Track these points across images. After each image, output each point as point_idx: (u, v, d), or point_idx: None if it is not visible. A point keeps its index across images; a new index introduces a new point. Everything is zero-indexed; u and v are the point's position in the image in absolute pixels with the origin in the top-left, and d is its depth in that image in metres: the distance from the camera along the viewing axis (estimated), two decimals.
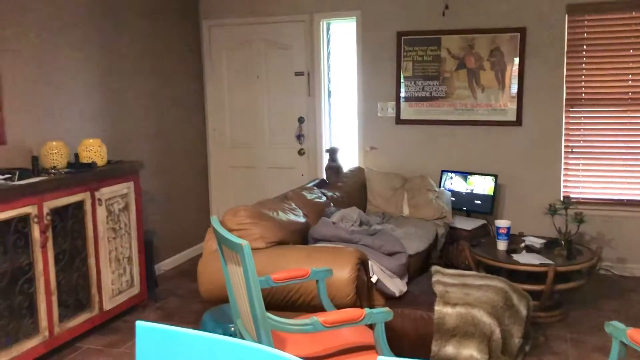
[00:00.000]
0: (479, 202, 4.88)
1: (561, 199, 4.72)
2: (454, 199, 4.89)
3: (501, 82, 4.91)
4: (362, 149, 5.37)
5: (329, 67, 5.47)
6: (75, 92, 4.19)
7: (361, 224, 3.85)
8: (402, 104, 5.20)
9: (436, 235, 4.32)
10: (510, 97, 4.89)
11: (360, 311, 2.17)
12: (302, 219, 3.62)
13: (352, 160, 5.42)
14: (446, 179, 5.04)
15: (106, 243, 3.85)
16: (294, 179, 5.48)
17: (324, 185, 4.67)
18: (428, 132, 5.16)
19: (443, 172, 5.07)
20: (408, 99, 5.18)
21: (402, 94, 5.18)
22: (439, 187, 5.01)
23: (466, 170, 5.01)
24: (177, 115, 5.36)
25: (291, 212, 3.59)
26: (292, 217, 3.53)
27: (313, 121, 5.46)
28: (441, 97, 5.08)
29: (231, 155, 5.79)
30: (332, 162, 5.09)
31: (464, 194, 4.95)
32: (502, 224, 4.05)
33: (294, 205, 3.72)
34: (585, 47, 4.72)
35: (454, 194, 4.92)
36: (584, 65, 4.74)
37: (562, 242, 3.99)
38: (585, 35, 4.71)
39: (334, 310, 2.63)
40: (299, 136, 5.51)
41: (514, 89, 4.87)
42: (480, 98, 4.97)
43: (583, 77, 4.76)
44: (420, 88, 5.14)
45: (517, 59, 4.83)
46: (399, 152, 5.25)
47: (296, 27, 5.41)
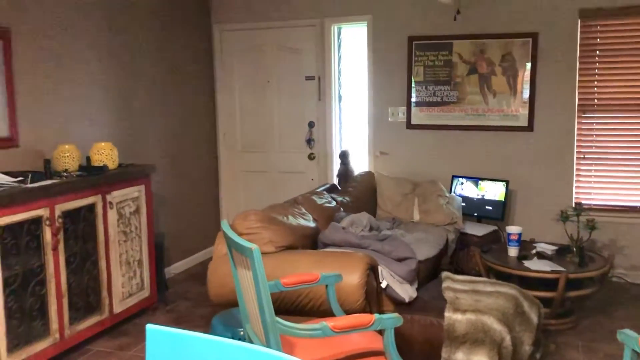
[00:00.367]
0: (490, 208, 4.85)
1: (573, 205, 4.68)
2: (464, 204, 4.86)
3: (513, 88, 4.88)
4: (373, 153, 5.36)
5: (339, 71, 5.47)
6: (88, 96, 4.22)
7: (371, 229, 3.84)
8: (413, 108, 5.19)
9: (446, 241, 4.31)
10: (522, 102, 4.87)
11: (369, 317, 2.16)
12: (312, 224, 3.62)
13: (362, 164, 5.41)
14: (457, 184, 5.02)
15: (117, 246, 3.86)
16: (304, 184, 5.49)
17: (334, 190, 4.67)
18: (439, 137, 5.15)
19: (454, 177, 5.05)
20: (419, 103, 5.17)
21: (413, 98, 5.17)
22: (450, 192, 4.99)
23: (477, 176, 4.98)
24: (189, 119, 5.39)
25: (301, 217, 3.59)
26: (302, 222, 3.53)
27: (323, 126, 5.46)
28: (452, 102, 5.07)
29: (242, 160, 5.80)
30: (344, 165, 5.09)
31: (475, 199, 4.92)
32: (513, 230, 4.03)
33: (303, 210, 3.72)
34: (598, 53, 4.69)
35: (464, 199, 4.90)
36: (596, 71, 4.71)
37: (574, 249, 3.96)
38: (598, 40, 4.68)
39: (343, 315, 2.62)
40: (309, 140, 5.52)
41: (526, 94, 4.85)
42: (491, 103, 4.95)
43: (596, 83, 4.73)
44: (431, 93, 5.13)
45: (529, 64, 4.81)
46: (409, 157, 5.24)
47: (307, 31, 5.42)
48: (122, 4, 4.53)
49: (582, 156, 4.81)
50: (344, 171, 5.01)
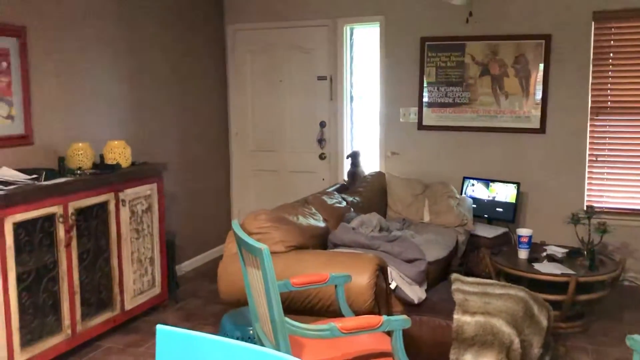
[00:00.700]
0: (501, 210, 4.84)
1: (584, 208, 4.66)
2: (475, 206, 4.85)
3: (525, 89, 4.87)
4: (384, 154, 5.36)
5: (351, 71, 5.48)
6: (101, 94, 4.26)
7: (381, 229, 3.85)
8: (425, 109, 5.19)
9: (457, 243, 4.30)
10: (535, 104, 4.85)
11: (378, 318, 2.17)
12: (321, 224, 3.63)
13: (373, 165, 5.42)
14: (468, 185, 5.02)
15: (129, 243, 3.90)
16: (315, 183, 5.50)
17: (344, 190, 4.68)
18: (450, 139, 5.14)
19: (465, 178, 5.04)
20: (431, 104, 5.16)
21: (425, 99, 5.17)
22: (461, 193, 4.99)
23: (488, 178, 4.97)
24: (201, 118, 5.42)
25: (311, 217, 3.60)
26: (312, 222, 3.55)
27: (334, 126, 5.47)
28: (464, 104, 5.06)
29: (253, 159, 5.83)
30: (354, 167, 5.09)
31: (486, 201, 4.91)
32: (523, 232, 4.02)
33: (314, 210, 3.73)
34: (611, 55, 4.66)
35: (475, 201, 4.89)
36: (610, 73, 4.68)
37: (585, 252, 3.94)
38: (612, 42, 4.65)
39: (352, 316, 2.64)
40: (320, 140, 5.53)
41: (538, 96, 4.83)
42: (503, 105, 4.94)
43: (609, 85, 4.70)
44: (443, 94, 5.12)
45: (541, 66, 4.79)
46: (420, 157, 5.24)
47: (319, 31, 5.43)
48: (137, 3, 4.56)
49: (594, 159, 4.79)
50: (354, 171, 5.02)
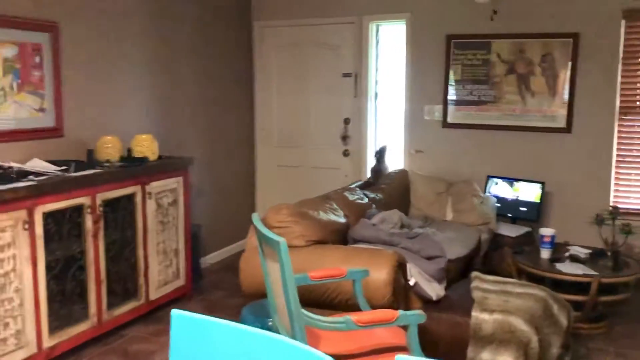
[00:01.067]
0: (525, 209, 4.81)
1: (609, 209, 4.60)
2: (499, 205, 4.83)
3: (552, 88, 4.82)
4: (408, 151, 5.37)
5: (376, 68, 5.49)
6: (130, 89, 4.36)
7: (402, 226, 3.87)
8: (450, 107, 5.17)
9: (479, 241, 4.29)
10: (561, 103, 4.80)
11: (393, 312, 2.20)
12: (342, 219, 3.66)
13: (397, 162, 5.43)
14: (492, 184, 4.99)
15: (154, 235, 3.99)
16: (338, 180, 5.53)
17: (367, 187, 4.70)
18: (475, 137, 5.12)
19: (489, 177, 5.02)
20: (456, 102, 5.15)
21: (450, 97, 5.16)
22: (485, 192, 4.97)
23: (512, 177, 4.94)
24: (227, 114, 5.50)
25: (332, 212, 3.64)
26: (333, 217, 3.58)
27: (358, 123, 5.50)
28: (490, 102, 5.03)
29: (278, 154, 5.89)
30: (378, 163, 5.10)
31: (510, 200, 4.89)
32: (546, 232, 3.99)
33: (335, 206, 3.77)
34: None
35: (499, 200, 4.87)
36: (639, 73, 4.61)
37: (609, 253, 3.90)
38: None
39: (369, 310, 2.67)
40: (344, 137, 5.56)
41: (565, 95, 4.78)
42: (529, 104, 4.90)
43: (639, 85, 4.63)
44: (468, 92, 5.10)
45: (569, 65, 4.74)
46: (444, 156, 5.23)
47: (345, 28, 5.46)
48: (166, 1, 4.65)
49: (621, 159, 4.72)
50: (378, 168, 5.03)
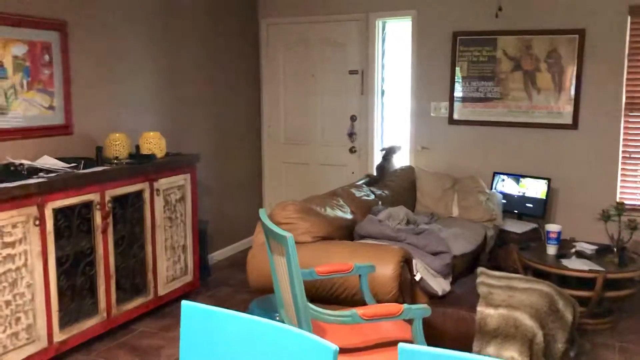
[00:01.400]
0: (531, 206, 4.82)
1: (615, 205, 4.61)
2: (505, 201, 4.84)
3: (558, 85, 4.83)
4: (414, 148, 5.39)
5: (383, 65, 5.50)
6: (138, 87, 4.40)
7: (408, 222, 3.89)
8: (456, 104, 5.19)
9: (485, 237, 4.31)
10: (567, 99, 4.81)
11: (398, 306, 2.23)
12: (349, 216, 3.69)
13: (404, 159, 5.45)
14: (498, 181, 5.01)
15: (162, 231, 4.03)
16: (344, 177, 5.56)
17: (374, 184, 4.72)
18: (481, 133, 5.13)
19: (495, 174, 5.03)
20: (462, 99, 5.16)
21: (456, 94, 5.17)
22: (491, 189, 4.98)
23: (518, 173, 4.95)
24: (234, 111, 5.53)
25: (339, 209, 3.67)
26: (339, 214, 3.61)
27: (365, 119, 5.52)
28: (496, 99, 5.04)
29: (285, 151, 5.92)
30: (384, 161, 5.10)
31: (516, 196, 4.90)
32: (552, 228, 4.01)
33: (341, 202, 3.79)
34: None
35: (505, 196, 4.88)
36: None
37: (615, 249, 3.91)
38: None
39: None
40: (350, 134, 5.58)
41: (572, 91, 4.78)
42: (535, 100, 4.91)
43: None
44: (474, 89, 5.11)
45: (575, 61, 4.74)
46: (451, 152, 5.25)
47: (352, 25, 5.48)
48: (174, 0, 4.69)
49: (627, 155, 4.72)
50: (383, 166, 5.04)
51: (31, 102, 3.62)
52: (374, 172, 5.37)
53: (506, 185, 4.96)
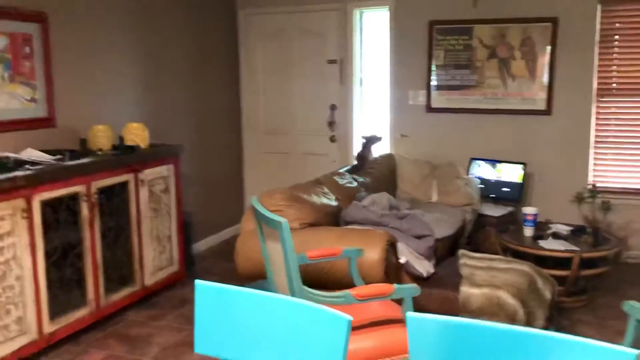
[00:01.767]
0: (508, 190, 4.96)
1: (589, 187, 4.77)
2: (482, 186, 4.97)
3: (532, 72, 4.96)
4: (393, 136, 5.48)
5: (361, 55, 5.57)
6: (119, 78, 4.39)
7: (391, 208, 3.98)
8: (433, 92, 5.29)
9: (464, 221, 4.43)
10: (541, 86, 4.94)
11: (390, 286, 2.31)
12: (334, 203, 3.76)
13: (384, 147, 5.53)
14: (475, 166, 5.13)
15: (148, 222, 4.05)
16: (325, 165, 5.62)
17: (355, 171, 4.80)
18: (458, 121, 5.25)
19: (472, 159, 5.15)
20: (439, 87, 5.26)
21: (433, 82, 5.27)
22: (468, 174, 5.10)
23: (495, 158, 5.08)
24: (215, 102, 5.55)
25: (324, 196, 3.74)
26: (325, 201, 3.68)
27: (344, 109, 5.59)
28: (472, 86, 5.16)
29: (265, 141, 5.96)
30: (364, 149, 5.18)
31: (493, 181, 5.03)
32: (529, 210, 4.14)
33: (326, 190, 3.87)
34: (617, 37, 4.75)
35: (482, 181, 5.01)
36: (615, 56, 4.77)
37: (589, 230, 4.06)
38: (617, 25, 4.73)
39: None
40: (330, 123, 5.65)
41: (545, 78, 4.92)
42: (510, 87, 5.04)
43: (615, 68, 4.79)
44: (451, 77, 5.22)
45: (548, 49, 4.87)
46: (429, 139, 5.35)
47: (330, 15, 5.53)
48: None
49: (599, 140, 4.89)
50: (362, 154, 5.11)
51: (13, 95, 3.61)
52: (354, 161, 5.44)
53: (483, 171, 5.09)
